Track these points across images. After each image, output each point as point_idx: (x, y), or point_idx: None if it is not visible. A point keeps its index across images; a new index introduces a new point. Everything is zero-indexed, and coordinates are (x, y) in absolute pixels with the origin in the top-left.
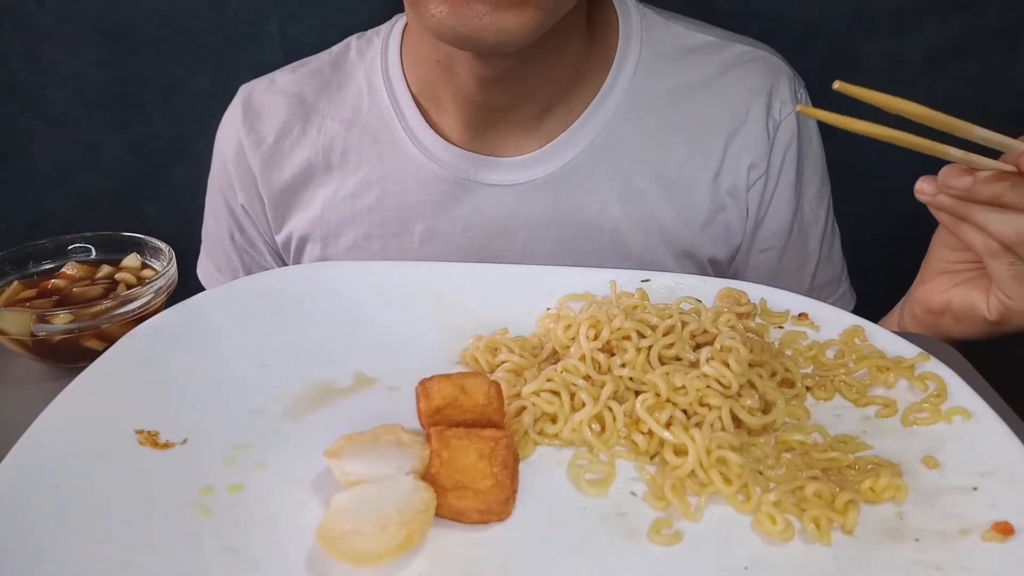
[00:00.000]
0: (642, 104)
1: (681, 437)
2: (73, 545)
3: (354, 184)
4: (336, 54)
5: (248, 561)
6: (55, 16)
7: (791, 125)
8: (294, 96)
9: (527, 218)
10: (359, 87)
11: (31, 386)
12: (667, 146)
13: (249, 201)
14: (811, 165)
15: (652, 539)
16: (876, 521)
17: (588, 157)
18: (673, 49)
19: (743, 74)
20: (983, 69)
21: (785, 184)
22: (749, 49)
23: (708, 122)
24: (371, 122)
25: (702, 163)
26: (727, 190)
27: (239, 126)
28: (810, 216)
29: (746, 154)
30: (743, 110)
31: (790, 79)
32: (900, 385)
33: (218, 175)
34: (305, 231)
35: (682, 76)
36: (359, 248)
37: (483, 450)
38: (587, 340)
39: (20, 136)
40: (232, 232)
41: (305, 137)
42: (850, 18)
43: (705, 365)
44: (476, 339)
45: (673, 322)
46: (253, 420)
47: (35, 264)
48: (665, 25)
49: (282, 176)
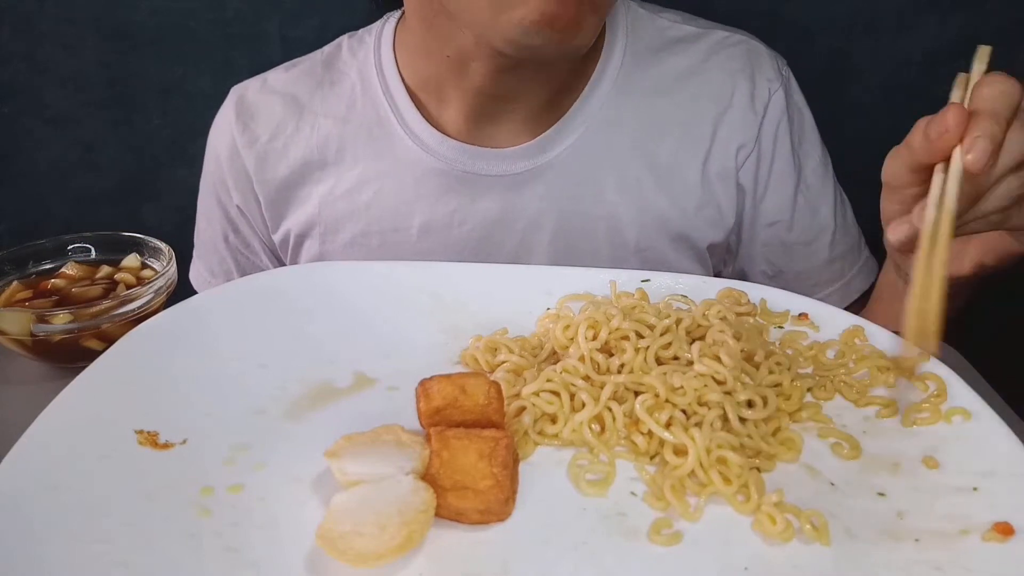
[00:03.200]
0: (630, 94)
1: (681, 437)
2: (73, 545)
3: (351, 180)
4: (328, 53)
5: (248, 561)
6: (55, 16)
7: (779, 100)
8: (287, 95)
9: (523, 208)
10: (352, 84)
11: (31, 386)
12: (657, 134)
13: (244, 201)
14: (808, 136)
15: (652, 539)
16: (876, 521)
17: (580, 147)
18: (658, 41)
19: (725, 58)
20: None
21: (781, 157)
22: (728, 34)
23: (695, 108)
24: (366, 118)
25: (692, 149)
26: (717, 173)
27: (232, 126)
28: (817, 186)
29: (734, 136)
30: (728, 93)
31: (771, 57)
32: (900, 385)
33: (211, 176)
34: (303, 228)
35: (667, 66)
36: (357, 244)
37: (483, 450)
38: (586, 341)
39: (20, 136)
40: (226, 234)
41: (299, 134)
42: (850, 18)
43: (698, 363)
44: (475, 339)
45: (670, 322)
46: (253, 420)
47: (35, 264)
48: (651, 17)
49: (277, 174)
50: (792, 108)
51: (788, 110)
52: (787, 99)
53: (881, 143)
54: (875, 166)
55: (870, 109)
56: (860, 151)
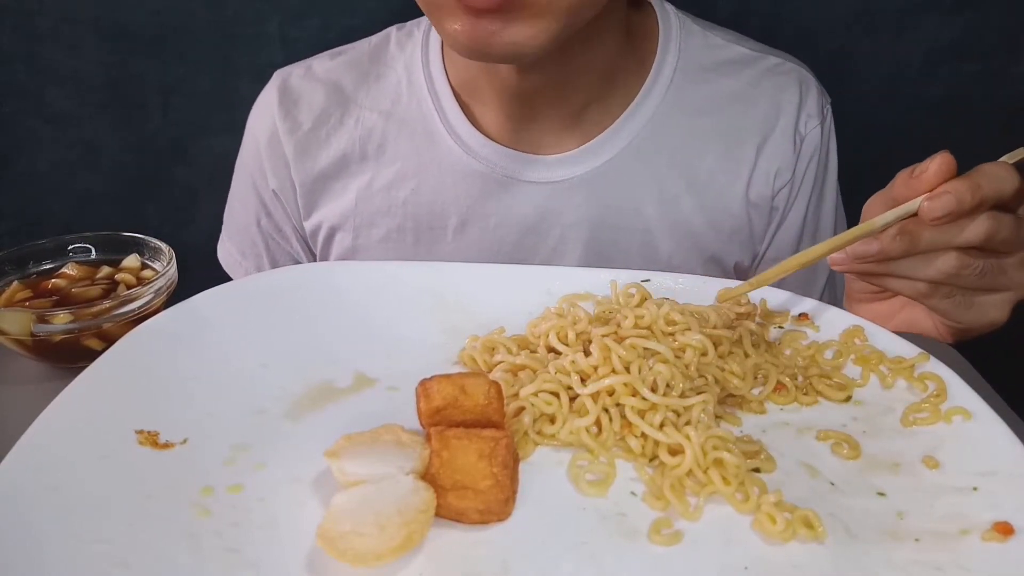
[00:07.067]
0: (678, 111)
1: (676, 437)
2: (73, 545)
3: (390, 176)
4: (375, 45)
5: (248, 561)
6: (55, 16)
7: (814, 140)
8: (332, 84)
9: (560, 216)
10: (398, 79)
11: (31, 386)
12: (701, 153)
13: (281, 187)
14: (830, 181)
15: (652, 539)
16: (876, 521)
17: (625, 159)
18: (710, 60)
19: (775, 86)
20: (983, 69)
21: (803, 196)
22: (781, 61)
23: (741, 131)
24: (410, 115)
25: (734, 171)
26: (756, 197)
27: (275, 111)
28: (826, 229)
29: (774, 162)
30: (773, 119)
31: (818, 94)
32: (899, 385)
33: (249, 159)
34: (337, 220)
35: (717, 86)
36: (391, 240)
37: (483, 450)
38: (560, 344)
39: (20, 136)
40: (259, 217)
41: (342, 127)
42: (850, 18)
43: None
44: (473, 339)
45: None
46: (253, 420)
47: (35, 264)
48: (703, 35)
49: (317, 163)
50: (823, 149)
51: (820, 149)
52: (822, 138)
53: (881, 143)
54: (874, 166)
55: (870, 109)
56: (860, 151)
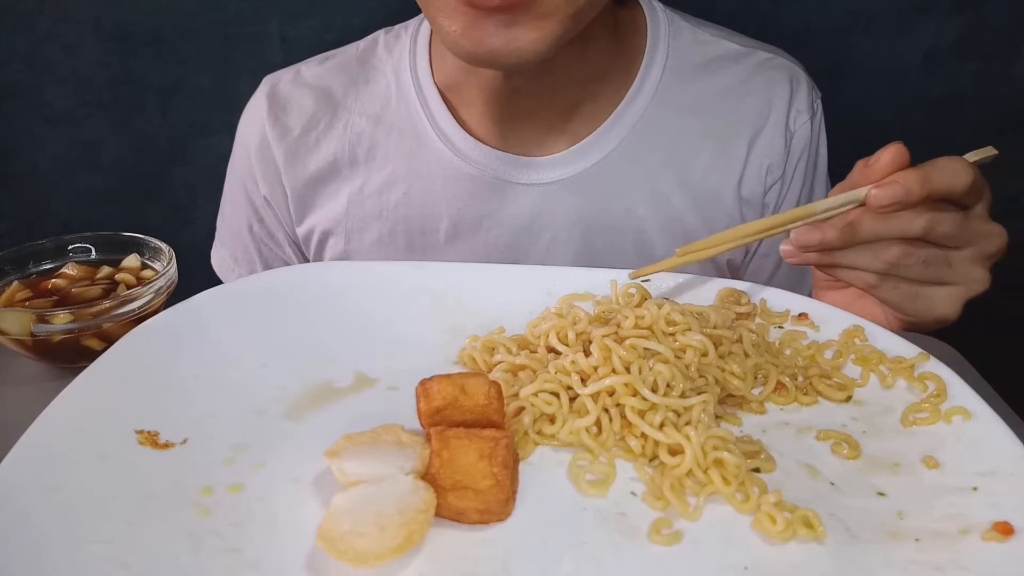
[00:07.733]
0: (668, 109)
1: (676, 437)
2: (73, 545)
3: (381, 180)
4: (363, 49)
5: (248, 561)
6: (55, 16)
7: (804, 135)
8: (321, 90)
9: (552, 217)
10: (387, 83)
11: (31, 386)
12: (693, 151)
13: (272, 193)
14: (820, 177)
15: (652, 539)
16: (876, 521)
17: (616, 159)
18: (699, 56)
19: (765, 81)
20: (983, 69)
21: (794, 191)
22: (771, 56)
23: (732, 128)
24: (399, 119)
25: (726, 168)
26: (748, 194)
27: (264, 117)
28: None
29: (765, 157)
30: (764, 114)
31: (809, 89)
32: (899, 385)
33: (239, 165)
34: (329, 225)
35: (708, 84)
36: (384, 244)
37: (483, 450)
38: (560, 345)
39: (20, 136)
40: (251, 223)
41: (331, 131)
42: (850, 18)
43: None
44: (473, 339)
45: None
46: (253, 420)
47: (35, 264)
48: (692, 31)
49: (307, 169)
50: (813, 143)
51: (810, 144)
52: (812, 133)
53: (880, 143)
54: None
55: (870, 109)
56: (859, 151)
